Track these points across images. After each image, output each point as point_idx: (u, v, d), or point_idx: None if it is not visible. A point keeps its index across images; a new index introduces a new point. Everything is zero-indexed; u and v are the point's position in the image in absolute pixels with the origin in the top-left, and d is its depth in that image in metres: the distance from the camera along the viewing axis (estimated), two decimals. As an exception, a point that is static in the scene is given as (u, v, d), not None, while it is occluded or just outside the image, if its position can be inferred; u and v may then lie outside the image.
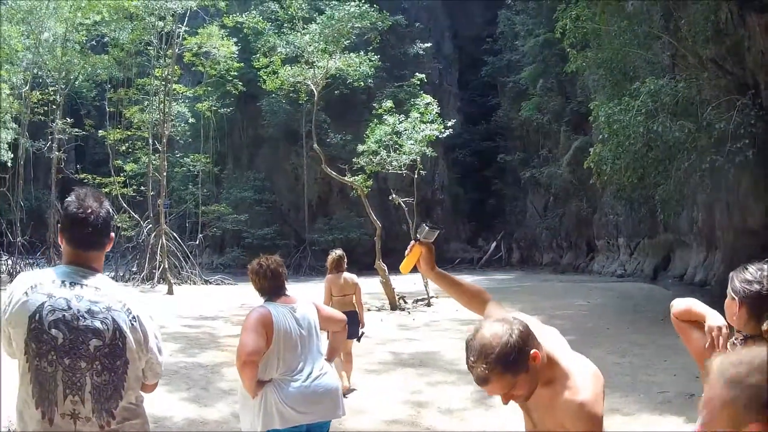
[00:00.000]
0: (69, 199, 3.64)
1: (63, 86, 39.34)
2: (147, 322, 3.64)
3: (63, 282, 3.43)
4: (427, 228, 4.09)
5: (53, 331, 3.31)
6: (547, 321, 15.76)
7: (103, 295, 3.49)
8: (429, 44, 49.77)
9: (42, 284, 3.39)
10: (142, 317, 3.61)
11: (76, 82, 42.72)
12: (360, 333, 12.02)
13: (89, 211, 3.54)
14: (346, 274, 12.08)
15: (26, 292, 3.36)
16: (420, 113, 25.84)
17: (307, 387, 5.56)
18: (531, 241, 49.37)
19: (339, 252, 12.45)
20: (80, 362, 3.34)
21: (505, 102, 51.02)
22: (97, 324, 3.41)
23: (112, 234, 3.78)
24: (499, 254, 47.63)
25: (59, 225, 3.75)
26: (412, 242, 4.09)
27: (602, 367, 10.42)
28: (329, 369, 5.86)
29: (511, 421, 9.30)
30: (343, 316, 6.44)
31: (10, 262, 37.37)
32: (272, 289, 5.81)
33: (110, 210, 3.75)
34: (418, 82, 30.89)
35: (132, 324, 3.54)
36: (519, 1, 46.69)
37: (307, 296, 6.20)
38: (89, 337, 3.37)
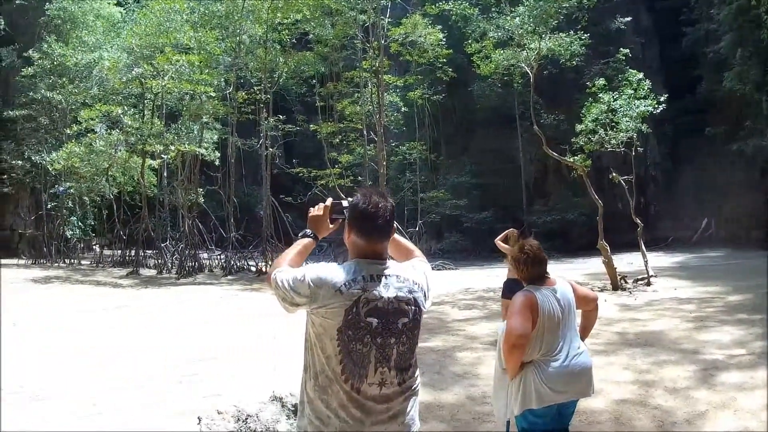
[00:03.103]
0: (356, 198, 4.16)
1: (268, 85, 41.18)
2: (429, 286, 4.29)
3: (371, 276, 3.96)
4: None
5: (369, 319, 3.89)
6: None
7: (404, 280, 4.06)
8: (629, 18, 49.48)
9: (355, 281, 3.91)
10: (427, 287, 4.24)
11: (281, 80, 44.30)
12: None
13: (379, 205, 4.03)
14: None
15: (340, 290, 3.88)
16: (633, 89, 26.04)
17: (566, 366, 5.80)
18: (740, 217, 48.21)
19: (516, 231, 14.87)
20: (390, 339, 3.95)
21: (707, 73, 50.09)
22: (404, 306, 4.00)
23: (394, 224, 4.27)
24: (710, 231, 46.72)
25: (348, 222, 4.20)
26: None
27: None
28: (584, 347, 6.11)
29: (733, 399, 10.01)
30: (596, 295, 6.70)
31: (223, 257, 39.50)
32: (536, 274, 6.09)
33: (393, 203, 4.22)
34: (623, 58, 30.84)
35: (426, 297, 4.18)
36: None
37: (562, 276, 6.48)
38: (398, 317, 3.98)
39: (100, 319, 19.72)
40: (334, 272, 3.98)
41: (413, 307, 4.08)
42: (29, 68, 41.44)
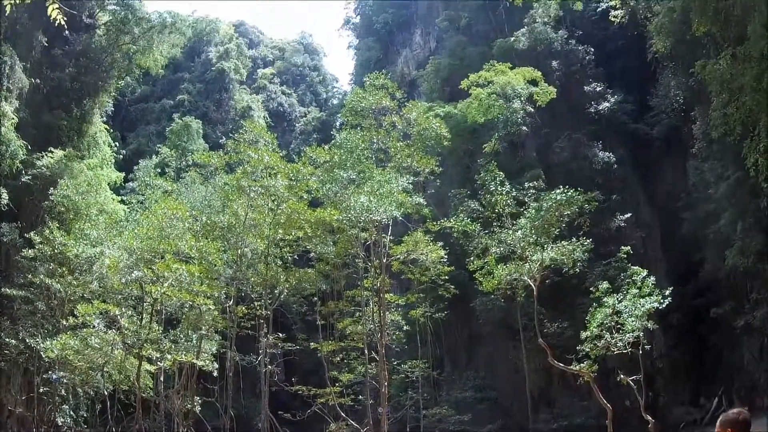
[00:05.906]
0: None
1: (269, 301, 41.56)
2: None
3: None
4: None
5: None
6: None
7: None
8: (629, 215, 50.55)
9: None
10: None
11: (281, 297, 44.41)
12: None
13: None
14: None
15: None
16: (638, 288, 26.10)
17: None
18: (750, 389, 47.40)
19: None
20: None
21: (710, 254, 50.10)
22: None
23: None
24: (721, 409, 45.72)
25: None
26: None
27: None
28: None
29: None
30: None
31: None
32: None
33: None
34: (625, 256, 31.02)
35: None
36: (703, 147, 46.83)
37: None
38: None
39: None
40: None
41: None
42: (30, 250, 41.88)
